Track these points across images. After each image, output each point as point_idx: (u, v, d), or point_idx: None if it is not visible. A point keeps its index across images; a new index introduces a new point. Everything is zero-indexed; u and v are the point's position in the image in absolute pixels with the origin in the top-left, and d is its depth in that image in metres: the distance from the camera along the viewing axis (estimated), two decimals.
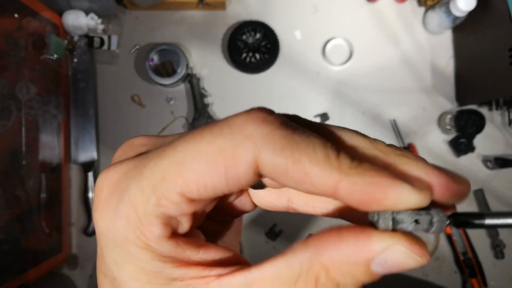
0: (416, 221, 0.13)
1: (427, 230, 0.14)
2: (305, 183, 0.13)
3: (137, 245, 0.13)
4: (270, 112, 0.14)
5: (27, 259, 0.66)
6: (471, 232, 0.78)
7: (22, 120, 0.65)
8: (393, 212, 0.13)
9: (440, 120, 0.80)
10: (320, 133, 0.14)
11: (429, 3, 0.78)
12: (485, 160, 0.79)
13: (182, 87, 0.80)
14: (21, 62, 0.65)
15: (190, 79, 0.77)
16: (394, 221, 0.13)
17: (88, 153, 0.78)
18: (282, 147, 0.12)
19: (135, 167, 0.14)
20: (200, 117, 0.77)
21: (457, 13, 0.69)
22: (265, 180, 0.16)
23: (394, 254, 0.13)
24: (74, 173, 0.79)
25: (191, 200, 0.13)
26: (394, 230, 0.13)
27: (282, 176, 0.13)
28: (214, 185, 0.13)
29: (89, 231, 0.77)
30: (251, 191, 0.18)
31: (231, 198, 0.18)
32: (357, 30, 0.81)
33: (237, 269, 0.14)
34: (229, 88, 0.80)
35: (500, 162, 0.77)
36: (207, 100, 0.79)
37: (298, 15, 0.81)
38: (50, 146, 0.73)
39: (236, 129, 0.13)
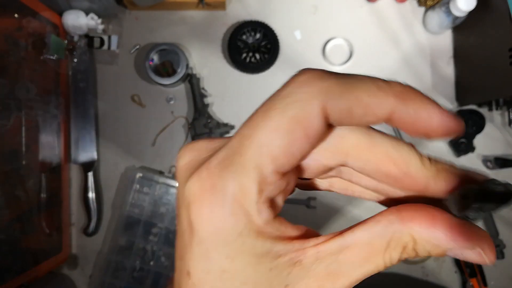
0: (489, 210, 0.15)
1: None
2: (367, 115, 0.14)
3: (250, 236, 0.14)
4: (315, 70, 0.15)
5: (27, 259, 0.66)
6: None
7: (22, 120, 0.65)
8: (479, 203, 0.14)
9: None
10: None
11: (429, 3, 0.78)
12: (485, 160, 0.79)
13: (182, 87, 0.80)
14: (21, 62, 0.66)
15: (190, 79, 0.77)
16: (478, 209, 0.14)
17: (88, 153, 0.78)
18: (341, 93, 0.14)
19: (223, 165, 0.15)
20: (200, 117, 0.77)
21: (457, 13, 0.69)
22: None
23: (471, 254, 0.15)
24: (74, 173, 0.79)
25: (284, 174, 0.15)
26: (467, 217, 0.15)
27: (348, 115, 0.14)
28: (300, 149, 0.14)
29: (89, 231, 0.77)
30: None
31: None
32: (357, 30, 0.81)
33: (330, 237, 0.15)
34: (229, 88, 0.80)
35: (500, 162, 0.77)
36: (207, 100, 0.79)
37: (298, 15, 0.81)
38: (50, 146, 0.73)
39: (295, 96, 0.14)
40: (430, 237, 0.15)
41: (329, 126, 0.15)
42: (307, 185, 0.20)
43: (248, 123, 0.15)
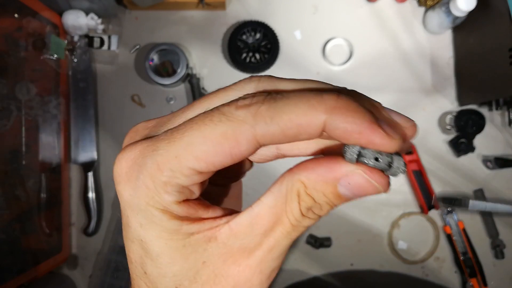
0: (376, 159, 0.16)
1: (385, 170, 0.16)
2: (300, 134, 0.15)
3: (157, 208, 0.16)
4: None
5: (27, 259, 0.66)
6: (471, 232, 0.78)
7: (22, 120, 0.65)
8: (360, 148, 0.15)
9: (440, 120, 0.80)
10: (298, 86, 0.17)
11: (429, 3, 0.78)
12: (485, 160, 0.79)
13: (182, 87, 0.80)
14: (21, 62, 0.66)
15: (190, 79, 0.77)
16: (359, 154, 0.15)
17: (88, 153, 0.78)
18: (271, 118, 0.15)
19: (148, 146, 0.16)
20: None
21: (457, 13, 0.69)
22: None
23: (356, 178, 0.15)
24: (74, 173, 0.79)
25: (200, 172, 0.16)
26: (357, 162, 0.16)
27: (281, 138, 0.15)
28: (220, 161, 0.16)
29: (89, 231, 0.77)
30: None
31: None
32: (357, 30, 0.81)
33: (241, 212, 0.17)
34: None
35: (500, 162, 0.77)
36: None
37: (298, 15, 0.81)
38: (50, 146, 0.73)
39: (231, 116, 0.15)
40: (315, 175, 0.16)
41: (260, 144, 0.16)
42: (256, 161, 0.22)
43: (188, 123, 0.16)
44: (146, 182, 0.16)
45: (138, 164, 0.16)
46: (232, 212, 0.18)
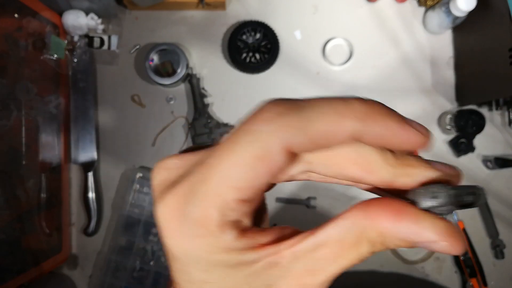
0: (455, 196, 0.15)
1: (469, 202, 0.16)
2: (330, 142, 0.15)
3: (217, 253, 0.16)
4: (273, 104, 0.15)
5: (27, 259, 0.66)
6: (471, 232, 0.78)
7: (22, 120, 0.65)
8: (432, 196, 0.15)
9: (440, 120, 0.80)
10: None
11: (429, 3, 0.78)
12: (485, 160, 0.79)
13: (182, 87, 0.80)
14: (21, 62, 0.66)
15: (190, 79, 0.77)
16: (432, 201, 0.15)
17: (88, 153, 0.78)
18: (300, 128, 0.15)
19: (189, 192, 0.16)
20: (200, 117, 0.77)
21: (457, 13, 0.69)
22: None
23: (439, 246, 0.15)
24: (74, 173, 0.79)
25: (247, 201, 0.16)
26: (430, 211, 0.16)
27: (311, 145, 0.15)
28: (262, 182, 0.15)
29: (89, 231, 0.77)
30: None
31: None
32: (357, 30, 0.81)
33: (303, 237, 0.16)
34: (229, 88, 0.80)
35: (500, 162, 0.77)
36: (207, 100, 0.79)
37: (298, 15, 0.81)
38: (50, 146, 0.73)
39: (256, 133, 0.15)
40: (396, 232, 0.15)
41: (294, 155, 0.16)
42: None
43: (215, 153, 0.16)
44: (200, 233, 0.16)
45: (183, 214, 0.16)
46: (290, 233, 0.17)
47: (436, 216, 0.16)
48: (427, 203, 0.15)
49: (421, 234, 0.15)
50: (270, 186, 0.21)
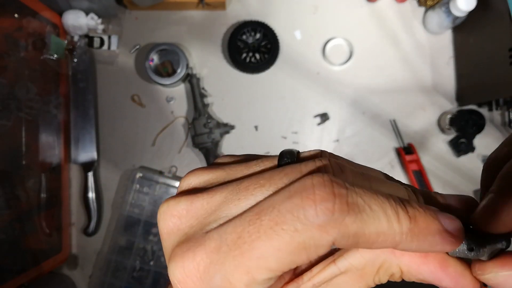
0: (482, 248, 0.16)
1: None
2: (371, 247, 0.15)
3: None
4: (329, 190, 0.15)
5: (27, 259, 0.66)
6: None
7: (22, 120, 0.65)
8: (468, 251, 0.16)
9: (440, 120, 0.80)
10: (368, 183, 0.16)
11: (429, 3, 0.78)
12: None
13: (182, 87, 0.80)
14: (21, 62, 0.66)
15: (190, 79, 0.77)
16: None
17: (88, 153, 0.78)
18: (355, 235, 0.14)
19: (214, 261, 0.15)
20: (200, 117, 0.77)
21: (457, 13, 0.69)
22: None
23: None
24: (74, 173, 0.79)
25: (273, 277, 0.15)
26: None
27: (354, 245, 0.15)
28: (297, 265, 0.15)
29: (89, 231, 0.77)
30: None
31: None
32: (357, 30, 0.81)
33: (323, 267, 0.17)
34: (229, 88, 0.80)
35: None
36: (207, 100, 0.79)
37: (298, 15, 0.81)
38: (50, 146, 0.73)
39: (308, 223, 0.14)
40: (416, 272, 0.16)
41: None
42: None
43: (253, 228, 0.15)
44: None
45: (206, 281, 0.15)
46: (305, 266, 0.18)
47: (462, 263, 0.16)
48: (459, 254, 0.16)
49: (443, 280, 0.16)
50: None
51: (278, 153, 0.18)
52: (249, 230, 0.14)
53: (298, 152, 0.18)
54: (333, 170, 0.16)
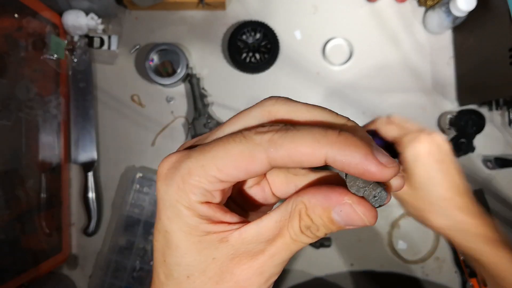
0: (365, 190, 0.19)
1: (371, 201, 0.19)
2: (305, 162, 0.18)
3: (183, 205, 0.19)
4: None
5: (27, 259, 0.66)
6: None
7: (22, 120, 0.65)
8: (358, 180, 0.19)
9: (440, 120, 0.80)
10: (307, 116, 0.20)
11: (429, 3, 0.78)
12: (485, 160, 0.79)
13: (182, 87, 0.80)
14: (21, 62, 0.66)
15: (190, 79, 0.77)
16: (353, 184, 0.19)
17: (88, 153, 0.78)
18: (281, 145, 0.18)
19: (185, 155, 0.20)
20: (200, 117, 0.77)
21: (457, 13, 0.69)
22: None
23: (346, 208, 0.18)
24: (74, 173, 0.79)
25: (221, 181, 0.19)
26: (351, 192, 0.19)
27: (288, 163, 0.18)
28: (237, 174, 0.19)
29: (89, 231, 0.77)
30: (270, 184, 0.25)
31: (250, 184, 0.25)
32: (357, 30, 0.81)
33: (253, 222, 0.20)
34: (229, 88, 0.80)
35: (500, 162, 0.77)
36: (207, 100, 0.79)
37: (298, 15, 0.81)
38: (50, 146, 0.73)
39: (249, 139, 0.19)
40: (315, 200, 0.19)
41: (271, 166, 0.19)
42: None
43: (219, 140, 0.19)
44: (178, 183, 0.19)
45: (174, 167, 0.20)
46: (245, 221, 0.21)
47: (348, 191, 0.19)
48: (348, 184, 0.19)
49: (331, 197, 0.18)
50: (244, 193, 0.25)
51: None
52: (214, 141, 0.19)
53: None
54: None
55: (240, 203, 0.25)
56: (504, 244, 0.47)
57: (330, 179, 0.22)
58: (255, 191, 0.25)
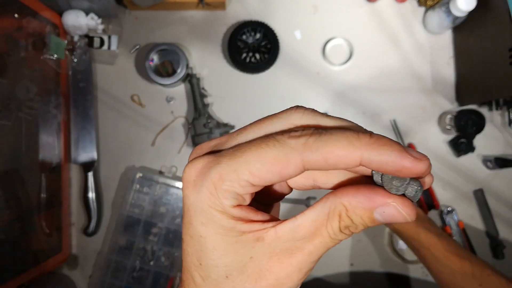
0: (405, 188, 0.19)
1: (411, 198, 0.19)
2: (339, 164, 0.18)
3: (216, 210, 0.20)
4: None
5: (27, 259, 0.66)
6: (471, 232, 0.78)
7: (22, 120, 0.65)
8: (392, 178, 0.19)
9: (440, 120, 0.80)
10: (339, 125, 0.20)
11: (429, 3, 0.78)
12: (485, 160, 0.79)
13: (182, 87, 0.80)
14: (21, 62, 0.65)
15: (190, 79, 0.77)
16: (390, 183, 0.19)
17: (88, 153, 0.78)
18: (317, 148, 0.18)
19: (213, 160, 0.20)
20: (200, 117, 0.77)
21: (457, 13, 0.69)
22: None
23: (390, 209, 0.19)
24: (74, 173, 0.79)
25: (253, 185, 0.19)
26: (390, 192, 0.19)
27: (323, 165, 0.19)
28: (271, 178, 0.19)
29: (89, 231, 0.77)
30: None
31: (276, 185, 0.25)
32: (357, 30, 0.81)
33: (286, 220, 0.20)
34: (229, 88, 0.80)
35: (500, 162, 0.77)
36: (207, 100, 0.79)
37: (298, 15, 0.81)
38: (50, 146, 0.73)
39: (283, 143, 0.19)
40: (356, 201, 0.19)
41: (305, 169, 0.19)
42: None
43: (250, 144, 0.20)
44: (210, 189, 0.19)
45: (203, 173, 0.20)
46: (277, 219, 0.21)
47: (386, 190, 0.19)
48: (385, 184, 0.19)
49: (375, 200, 0.19)
50: (281, 194, 0.25)
51: None
52: (244, 145, 0.20)
53: None
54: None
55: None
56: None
57: (352, 175, 0.22)
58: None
